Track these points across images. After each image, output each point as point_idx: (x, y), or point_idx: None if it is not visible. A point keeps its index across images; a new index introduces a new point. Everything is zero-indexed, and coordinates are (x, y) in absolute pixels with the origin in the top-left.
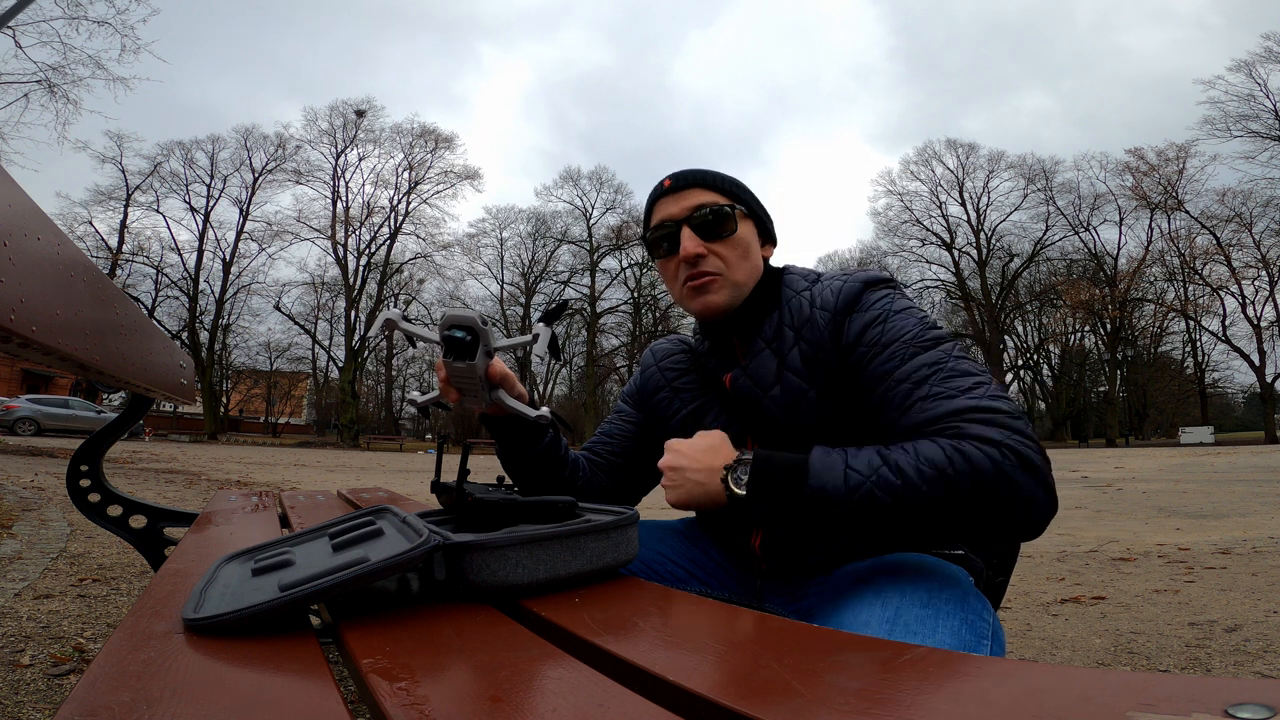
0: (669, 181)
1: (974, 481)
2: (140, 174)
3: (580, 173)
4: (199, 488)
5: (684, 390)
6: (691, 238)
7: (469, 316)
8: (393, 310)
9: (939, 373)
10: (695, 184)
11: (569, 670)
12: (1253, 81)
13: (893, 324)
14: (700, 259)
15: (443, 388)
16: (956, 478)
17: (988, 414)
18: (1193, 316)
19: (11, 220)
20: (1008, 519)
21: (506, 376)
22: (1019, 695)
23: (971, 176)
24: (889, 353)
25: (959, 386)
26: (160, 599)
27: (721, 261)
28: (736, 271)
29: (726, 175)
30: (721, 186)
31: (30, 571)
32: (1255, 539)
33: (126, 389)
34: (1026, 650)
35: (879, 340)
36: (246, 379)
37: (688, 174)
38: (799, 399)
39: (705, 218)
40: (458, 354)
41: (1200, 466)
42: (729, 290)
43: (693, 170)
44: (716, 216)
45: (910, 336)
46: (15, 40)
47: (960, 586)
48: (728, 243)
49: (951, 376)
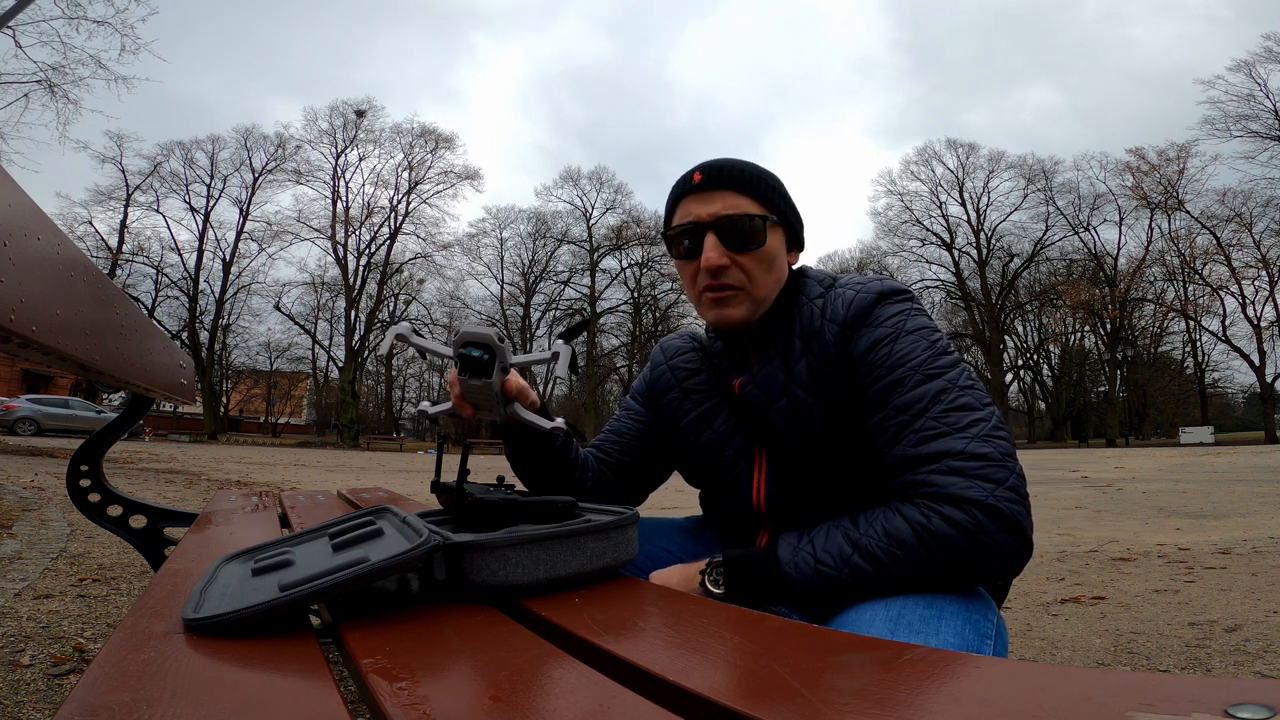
0: (699, 176)
1: (948, 555)
2: (140, 174)
3: (580, 173)
4: (199, 488)
5: (694, 391)
6: (716, 247)
7: (486, 334)
8: (403, 325)
9: (938, 405)
10: (728, 185)
11: (569, 670)
12: (1253, 81)
13: (902, 345)
14: (723, 270)
15: (457, 402)
16: (930, 558)
17: (975, 462)
18: (1193, 316)
19: (11, 220)
20: (983, 576)
21: (522, 389)
22: (1019, 695)
23: (971, 176)
24: (893, 378)
25: (954, 423)
26: (160, 599)
27: (745, 275)
28: (759, 286)
29: (764, 174)
30: (757, 190)
31: (30, 571)
32: (1255, 539)
33: (126, 389)
34: (1026, 650)
35: (885, 361)
36: (246, 379)
37: (722, 170)
38: (804, 413)
39: (734, 227)
40: (473, 372)
41: (1200, 466)
42: (749, 305)
43: (727, 164)
44: (747, 228)
45: (918, 362)
46: (15, 40)
47: (965, 586)
48: (754, 255)
49: (949, 411)
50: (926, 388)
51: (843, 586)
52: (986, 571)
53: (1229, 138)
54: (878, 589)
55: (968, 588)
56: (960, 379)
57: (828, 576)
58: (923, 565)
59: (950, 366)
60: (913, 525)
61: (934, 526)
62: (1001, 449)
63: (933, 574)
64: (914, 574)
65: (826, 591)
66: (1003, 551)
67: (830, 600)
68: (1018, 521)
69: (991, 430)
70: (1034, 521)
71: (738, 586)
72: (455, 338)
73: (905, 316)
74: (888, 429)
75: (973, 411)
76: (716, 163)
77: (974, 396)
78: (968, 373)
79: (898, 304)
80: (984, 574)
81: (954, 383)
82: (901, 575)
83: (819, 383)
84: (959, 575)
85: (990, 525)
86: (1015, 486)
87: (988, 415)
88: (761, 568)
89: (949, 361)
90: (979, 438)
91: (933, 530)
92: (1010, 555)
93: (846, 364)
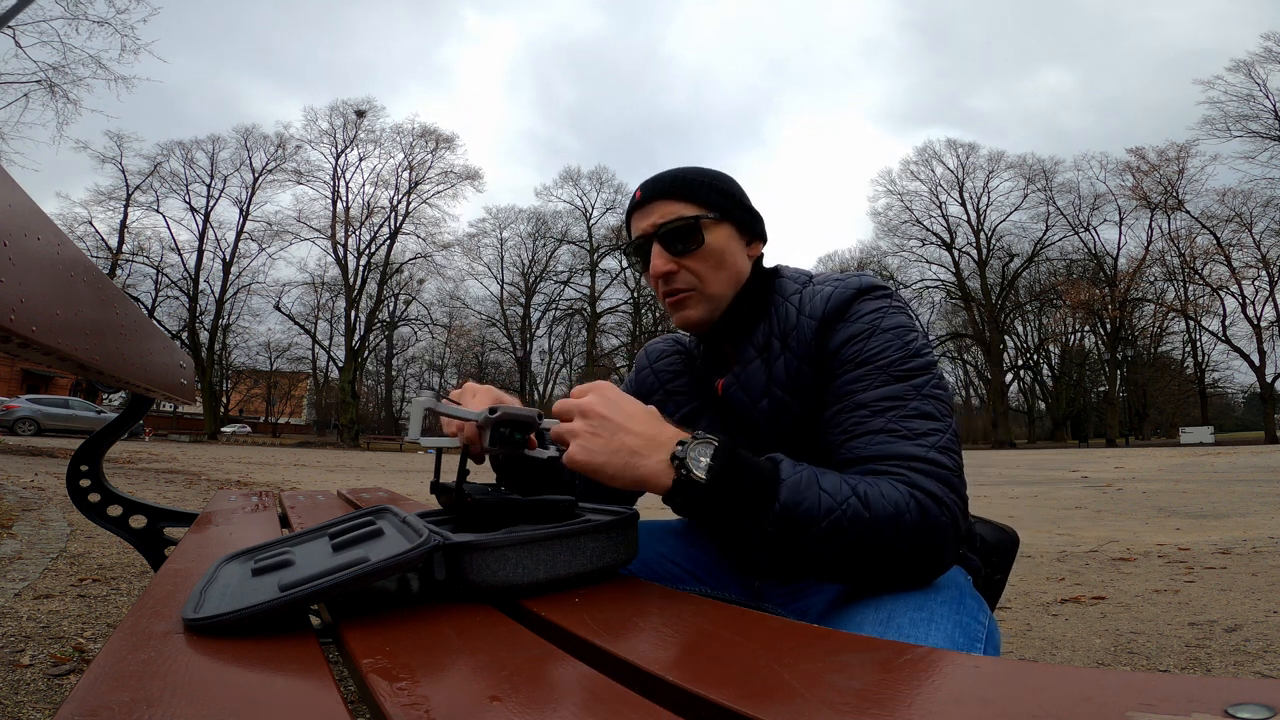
0: (640, 193)
1: (923, 533)
2: (140, 174)
3: (580, 172)
4: (199, 488)
5: (677, 393)
6: (660, 254)
7: (529, 416)
8: (427, 395)
9: (900, 409)
10: (663, 194)
11: (569, 670)
12: (1252, 81)
13: (875, 342)
14: (672, 275)
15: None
16: (909, 524)
17: (934, 467)
18: (1193, 316)
19: (11, 220)
20: (910, 570)
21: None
22: (1019, 695)
23: (971, 176)
24: (859, 373)
25: (914, 429)
26: (160, 599)
27: (694, 276)
28: (710, 284)
29: (701, 176)
30: (691, 194)
31: (30, 571)
32: (1255, 539)
33: (126, 389)
34: (1026, 650)
35: (855, 357)
36: (246, 379)
37: (658, 182)
38: (783, 413)
39: (671, 233)
40: (504, 444)
41: (1200, 466)
42: (704, 305)
43: (663, 176)
44: (682, 231)
45: (887, 362)
46: (15, 40)
47: (956, 588)
48: (696, 256)
49: (911, 417)
50: (890, 389)
51: (833, 529)
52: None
53: (1229, 138)
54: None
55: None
56: (926, 386)
57: (827, 508)
58: (897, 530)
59: (920, 370)
60: (901, 493)
61: (919, 500)
62: (956, 462)
63: (897, 546)
64: (886, 539)
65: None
66: (946, 556)
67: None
68: (961, 533)
69: (947, 443)
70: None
71: (727, 476)
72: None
73: (882, 314)
74: (843, 423)
75: (932, 421)
76: (654, 177)
77: (935, 406)
78: (936, 379)
79: (876, 300)
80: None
81: (919, 389)
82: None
83: (797, 381)
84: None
85: (948, 525)
86: (965, 498)
87: (945, 428)
88: (760, 474)
89: (920, 364)
90: (936, 448)
91: (919, 503)
92: (944, 560)
93: (822, 359)
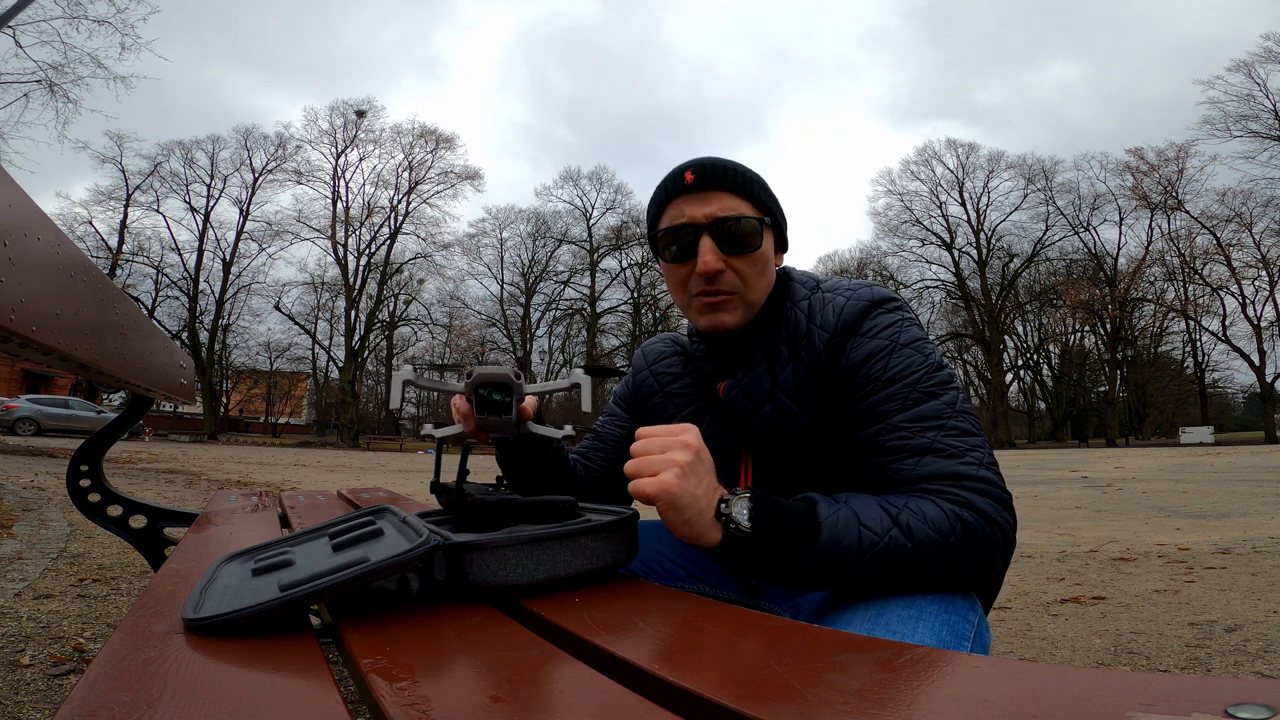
0: (692, 176)
1: (968, 552)
2: (140, 174)
3: (580, 173)
4: (199, 488)
5: (678, 395)
6: (713, 250)
7: (503, 374)
8: (406, 370)
9: (941, 429)
10: (723, 185)
11: (569, 670)
12: (1252, 81)
13: (899, 359)
14: (719, 275)
15: (471, 431)
16: (954, 547)
17: (987, 485)
18: (1193, 316)
19: (11, 220)
20: (965, 584)
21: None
22: (1019, 695)
23: (971, 176)
24: (890, 393)
25: (958, 448)
26: (160, 599)
27: (739, 279)
28: (753, 290)
29: (755, 175)
30: (750, 191)
31: (30, 571)
32: (1255, 539)
33: (126, 389)
34: (1026, 650)
35: (881, 375)
36: (246, 379)
37: (716, 169)
38: (789, 420)
39: (731, 230)
40: (491, 410)
41: (1200, 466)
42: (743, 310)
43: (720, 164)
44: (745, 231)
45: (915, 379)
46: (15, 40)
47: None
48: (749, 259)
49: (954, 434)
50: (925, 407)
51: (877, 562)
52: (975, 579)
53: (1229, 138)
54: (905, 571)
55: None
56: (958, 401)
57: (869, 543)
58: (946, 553)
59: (946, 383)
60: (946, 515)
61: (966, 520)
62: (1000, 477)
63: (945, 568)
64: (934, 564)
65: (860, 564)
66: (999, 569)
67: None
68: (1012, 545)
69: (990, 458)
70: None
71: (769, 526)
72: (469, 378)
73: (899, 328)
74: (886, 445)
75: (972, 436)
76: (708, 161)
77: (970, 421)
78: (961, 390)
79: (890, 313)
80: (970, 581)
81: (952, 405)
82: (925, 562)
83: (805, 390)
84: (955, 576)
85: (1000, 542)
86: (1013, 510)
87: (983, 442)
88: (799, 513)
89: (945, 377)
90: (982, 465)
91: (965, 523)
92: (998, 571)
93: (837, 374)
